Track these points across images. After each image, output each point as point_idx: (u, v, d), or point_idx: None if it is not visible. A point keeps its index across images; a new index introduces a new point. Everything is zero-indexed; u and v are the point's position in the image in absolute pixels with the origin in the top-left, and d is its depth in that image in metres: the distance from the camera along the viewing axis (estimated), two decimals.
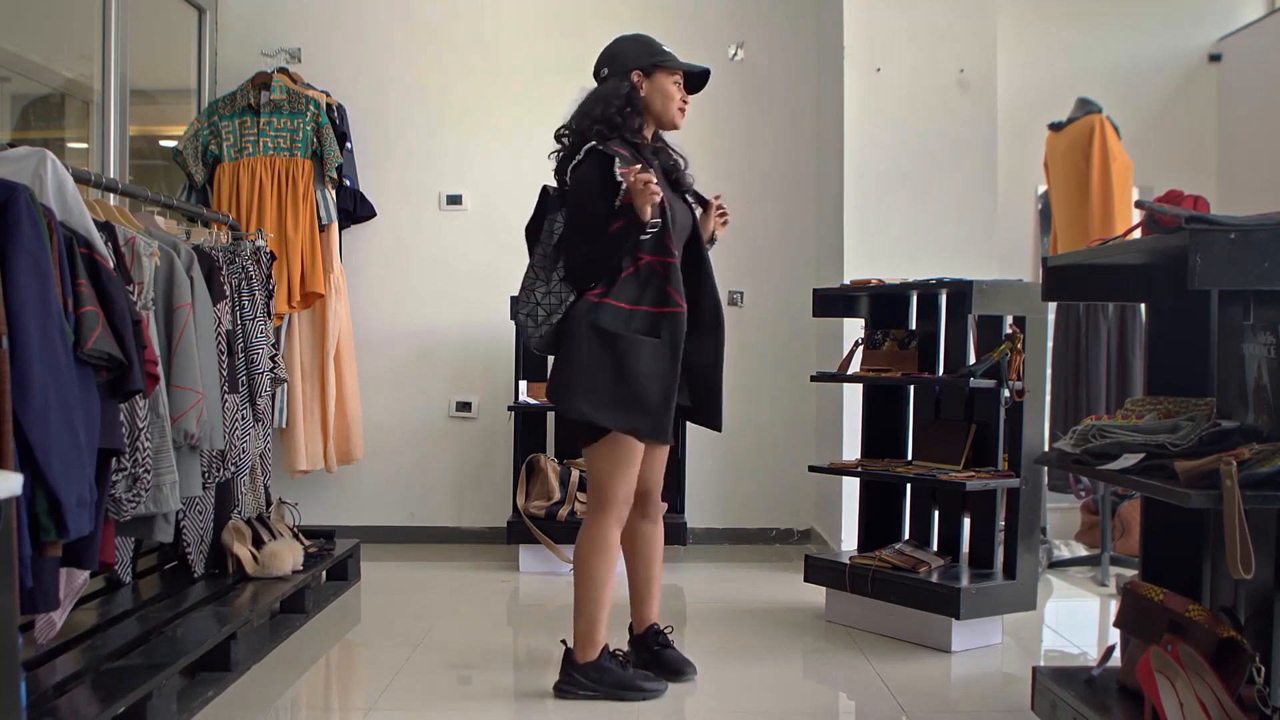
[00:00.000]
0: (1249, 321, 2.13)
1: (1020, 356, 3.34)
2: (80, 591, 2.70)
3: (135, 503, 2.66)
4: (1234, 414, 2.20)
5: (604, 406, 2.69)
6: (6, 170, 2.29)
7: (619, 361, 2.68)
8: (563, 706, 2.86)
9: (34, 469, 1.99)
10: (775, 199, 5.09)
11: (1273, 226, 1.96)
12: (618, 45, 2.93)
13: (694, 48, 5.12)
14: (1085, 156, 4.52)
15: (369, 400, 4.92)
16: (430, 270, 5.05)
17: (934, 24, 4.47)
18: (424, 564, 4.66)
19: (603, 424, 2.70)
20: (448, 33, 5.08)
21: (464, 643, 3.44)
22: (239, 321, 3.54)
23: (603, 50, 2.95)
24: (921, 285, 3.56)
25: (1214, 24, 5.33)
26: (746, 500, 5.07)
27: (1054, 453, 2.47)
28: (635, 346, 2.69)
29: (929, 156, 4.47)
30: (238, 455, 3.42)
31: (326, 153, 4.58)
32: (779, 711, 2.84)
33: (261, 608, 3.27)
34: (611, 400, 2.69)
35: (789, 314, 4.96)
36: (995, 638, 3.40)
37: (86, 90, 4.17)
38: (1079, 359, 4.50)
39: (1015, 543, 3.35)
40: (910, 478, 3.47)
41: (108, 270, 2.30)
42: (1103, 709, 2.29)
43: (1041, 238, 5.20)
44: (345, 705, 3.04)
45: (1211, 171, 5.27)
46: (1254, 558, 1.87)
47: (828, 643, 3.46)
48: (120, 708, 2.34)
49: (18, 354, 1.98)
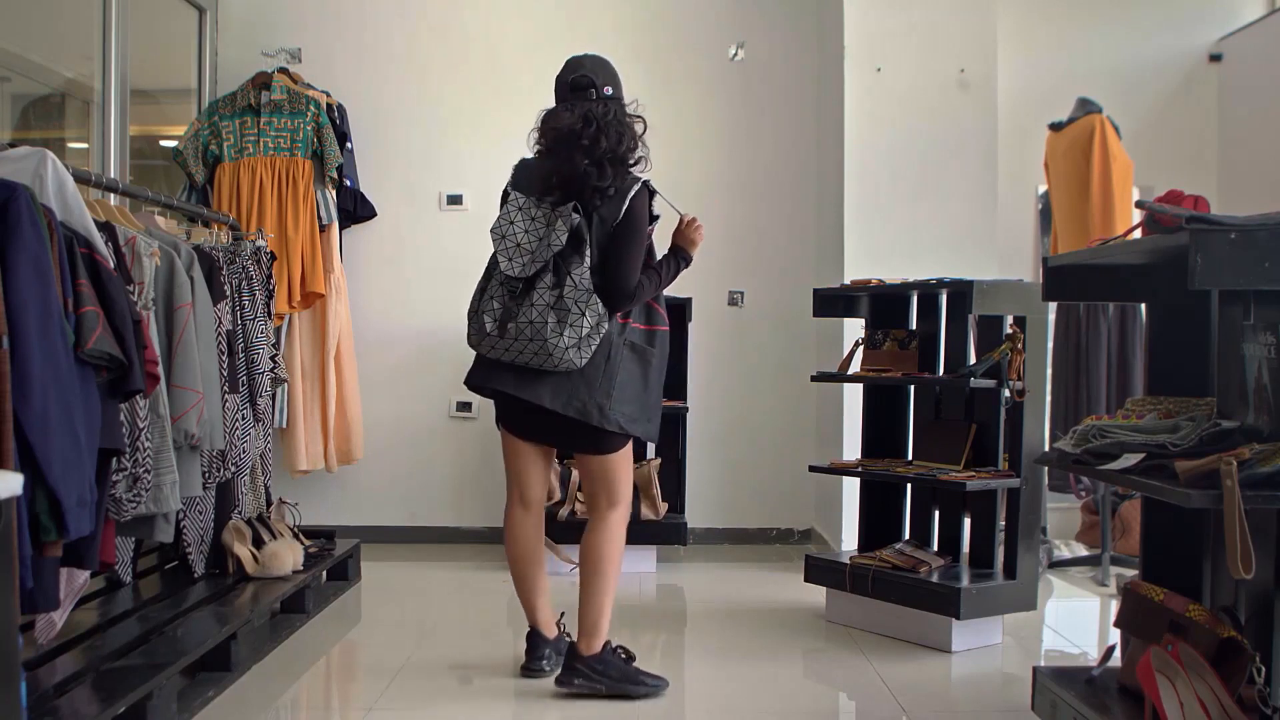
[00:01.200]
0: (1249, 321, 2.13)
1: (1020, 356, 3.34)
2: (80, 591, 2.70)
3: (135, 503, 2.66)
4: (1234, 414, 2.20)
5: (635, 419, 2.90)
6: (7, 170, 2.29)
7: (644, 377, 2.91)
8: (563, 706, 2.86)
9: (34, 469, 1.99)
10: (775, 199, 5.09)
11: (1273, 226, 1.96)
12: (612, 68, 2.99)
13: (694, 48, 5.17)
14: (1085, 156, 4.51)
15: (369, 400, 4.92)
16: (430, 270, 5.05)
17: (934, 24, 4.47)
18: (424, 564, 4.66)
19: (635, 434, 2.92)
20: (448, 33, 5.08)
21: (464, 643, 3.44)
22: (239, 321, 3.54)
23: (600, 61, 2.97)
24: (922, 285, 3.56)
25: (1214, 24, 5.33)
26: (746, 500, 5.07)
27: (1054, 453, 2.47)
28: (654, 363, 2.94)
29: (929, 156, 4.47)
30: (238, 455, 3.42)
31: (327, 153, 4.58)
32: (779, 711, 2.84)
33: (262, 608, 3.27)
34: (640, 413, 2.91)
35: (789, 314, 4.96)
36: (995, 638, 3.40)
37: (87, 90, 4.17)
38: (1079, 359, 4.50)
39: (1015, 543, 3.35)
40: (910, 478, 3.47)
41: (108, 270, 2.30)
42: (1103, 709, 2.29)
43: (1041, 238, 5.20)
44: (345, 705, 3.04)
45: (1211, 171, 5.26)
46: (1254, 557, 1.87)
47: (828, 643, 3.46)
48: (120, 708, 2.34)
49: (18, 354, 1.98)
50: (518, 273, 2.80)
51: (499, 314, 2.81)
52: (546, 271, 2.80)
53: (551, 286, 2.78)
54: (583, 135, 2.82)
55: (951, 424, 3.54)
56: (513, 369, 2.84)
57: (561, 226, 2.78)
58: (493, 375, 2.89)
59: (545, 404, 2.82)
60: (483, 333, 2.84)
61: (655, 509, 4.46)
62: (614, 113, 2.88)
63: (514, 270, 2.80)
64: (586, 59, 2.97)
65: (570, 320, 2.76)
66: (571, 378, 2.82)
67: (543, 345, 2.75)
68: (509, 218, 2.85)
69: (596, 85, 2.90)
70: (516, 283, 2.81)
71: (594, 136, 2.83)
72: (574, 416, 2.83)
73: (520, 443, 3.03)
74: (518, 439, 3.03)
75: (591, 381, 2.84)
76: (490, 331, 2.82)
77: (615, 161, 2.85)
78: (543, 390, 2.83)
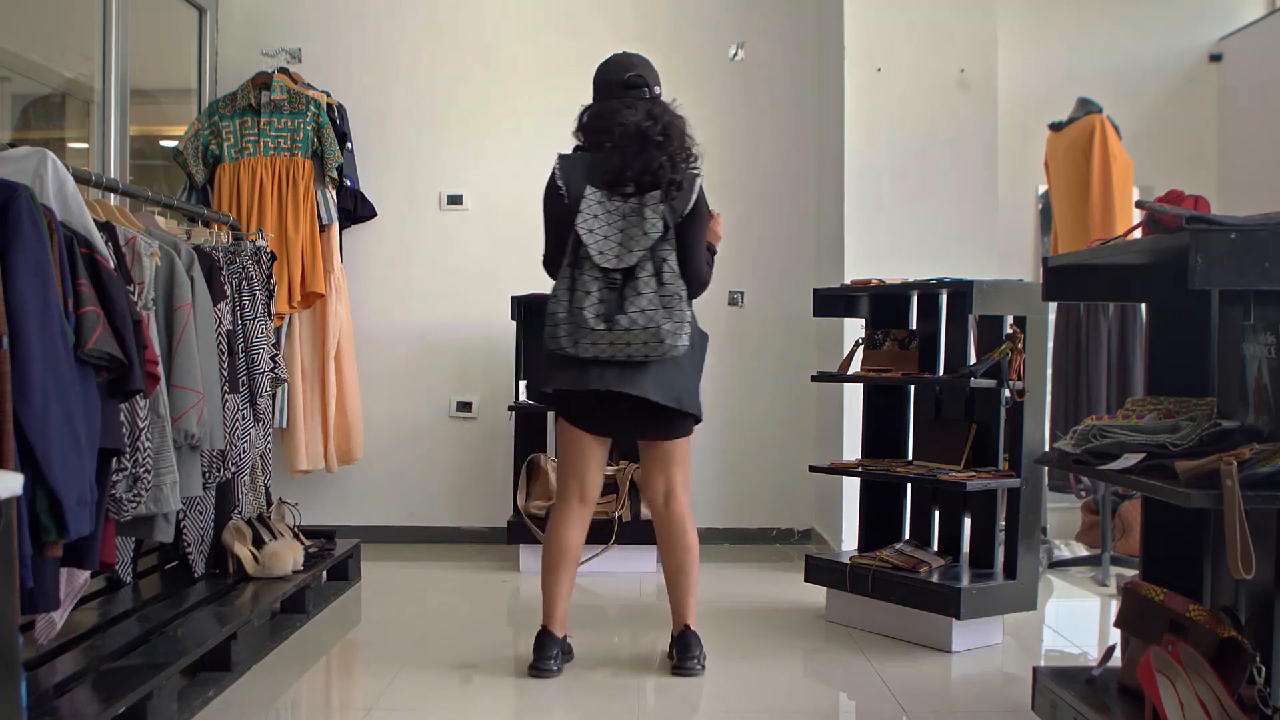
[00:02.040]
0: (1249, 321, 2.13)
1: (1021, 356, 3.34)
2: (81, 591, 2.69)
3: (136, 503, 2.66)
4: (1234, 414, 2.20)
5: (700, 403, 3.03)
6: (7, 170, 2.29)
7: (701, 362, 3.04)
8: (563, 706, 2.86)
9: (34, 469, 1.99)
10: (775, 199, 5.09)
11: (1273, 226, 1.96)
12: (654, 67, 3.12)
13: (694, 48, 5.17)
14: (1086, 156, 4.51)
15: (369, 400, 4.92)
16: (430, 270, 5.05)
17: (934, 24, 4.47)
18: (424, 564, 4.66)
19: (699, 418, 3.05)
20: (448, 32, 5.09)
21: (464, 643, 3.44)
22: (239, 321, 3.54)
23: (646, 61, 3.09)
24: (922, 285, 3.56)
25: (1214, 24, 5.33)
26: (746, 500, 5.07)
27: (1054, 453, 2.47)
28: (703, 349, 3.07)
29: (929, 156, 4.47)
30: (238, 455, 3.42)
31: (327, 153, 4.58)
32: (779, 711, 2.84)
33: (262, 608, 3.27)
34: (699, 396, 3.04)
35: (789, 314, 4.96)
36: (995, 638, 3.40)
37: (87, 90, 4.17)
38: (1079, 359, 4.50)
39: (1016, 543, 3.35)
40: (910, 478, 3.47)
41: (108, 270, 2.30)
42: (1103, 709, 2.29)
43: (1041, 238, 5.20)
44: (345, 705, 3.04)
45: (1212, 171, 5.26)
46: (1254, 557, 1.87)
47: (828, 643, 3.46)
48: (120, 708, 2.34)
49: (18, 354, 1.98)
50: (614, 264, 2.84)
51: (601, 309, 2.83)
52: (647, 260, 2.85)
53: (653, 275, 2.84)
54: (654, 132, 2.92)
55: (951, 424, 3.54)
56: (614, 364, 2.86)
57: (653, 216, 2.86)
58: (590, 375, 2.87)
59: (650, 396, 2.87)
60: (583, 329, 2.82)
61: None
62: (671, 110, 3.00)
63: (609, 262, 2.84)
64: (636, 58, 3.09)
65: (675, 307, 2.84)
66: (666, 366, 2.88)
67: (655, 334, 2.80)
68: (591, 211, 2.89)
69: (649, 84, 3.05)
70: (615, 275, 2.84)
71: (665, 133, 2.93)
72: (671, 405, 2.90)
73: (591, 440, 3.05)
74: (592, 435, 3.04)
75: (684, 368, 2.94)
76: (595, 327, 2.81)
77: (686, 156, 2.96)
78: (645, 382, 2.87)
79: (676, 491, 3.10)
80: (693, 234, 2.95)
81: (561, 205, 2.95)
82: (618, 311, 2.82)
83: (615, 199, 2.90)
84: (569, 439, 3.08)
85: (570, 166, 3.00)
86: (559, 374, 2.91)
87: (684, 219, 2.93)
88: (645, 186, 2.90)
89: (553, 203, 2.99)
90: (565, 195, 2.95)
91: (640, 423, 3.00)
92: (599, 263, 2.84)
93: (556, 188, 2.97)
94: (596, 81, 3.10)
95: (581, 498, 3.09)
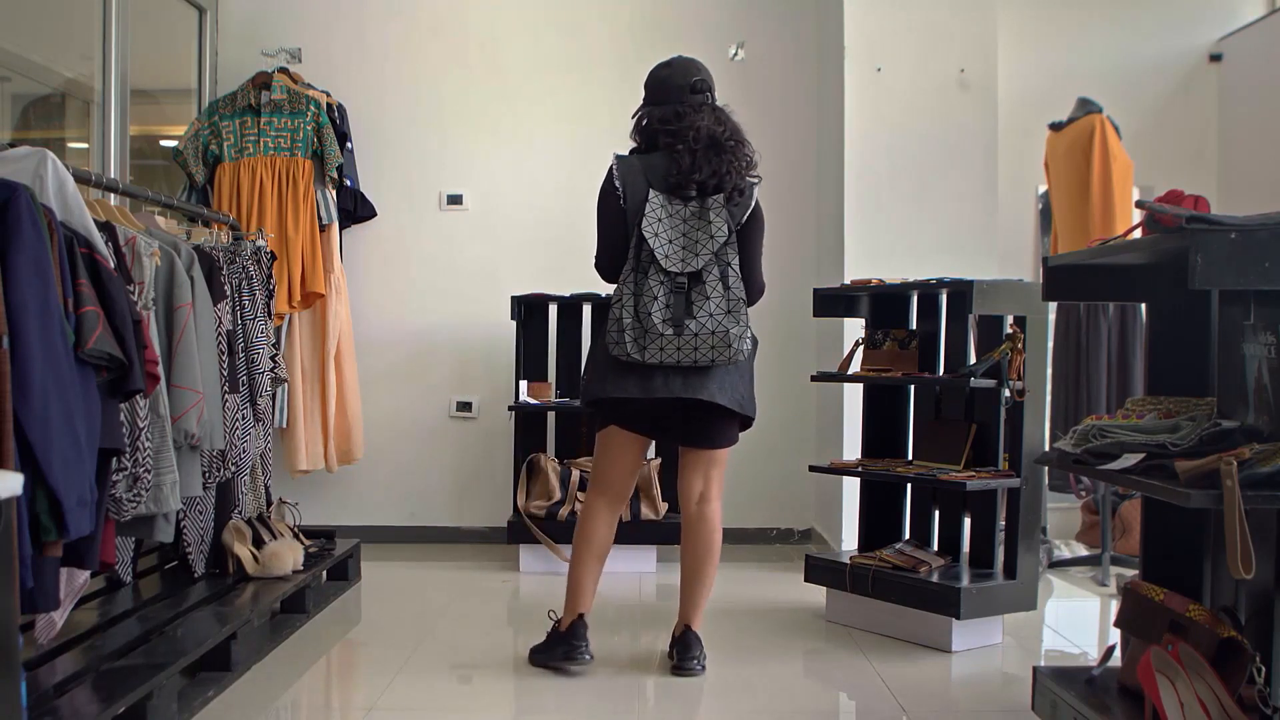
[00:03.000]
0: (1249, 321, 2.13)
1: (1021, 356, 3.34)
2: (80, 591, 2.69)
3: (136, 502, 2.66)
4: (1234, 414, 2.20)
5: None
6: (7, 170, 2.29)
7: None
8: (563, 706, 2.86)
9: (34, 469, 1.98)
10: (775, 199, 5.06)
11: (1273, 226, 1.96)
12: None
13: (694, 48, 5.13)
14: (1086, 156, 4.52)
15: (369, 400, 4.92)
16: (430, 270, 5.05)
17: (934, 24, 4.47)
18: (424, 564, 4.66)
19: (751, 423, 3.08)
20: (448, 33, 5.08)
21: (464, 643, 3.44)
22: (239, 321, 3.54)
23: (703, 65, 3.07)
24: (922, 285, 3.56)
25: (1214, 24, 5.33)
26: (746, 500, 5.07)
27: (1054, 453, 2.47)
28: None
29: (929, 156, 4.47)
30: (238, 455, 3.42)
31: (327, 153, 4.58)
32: (779, 711, 2.84)
33: (262, 608, 3.27)
34: None
35: (789, 314, 4.96)
36: (995, 638, 3.40)
37: (87, 90, 4.17)
38: (1079, 359, 4.50)
39: (1015, 543, 3.35)
40: (910, 478, 3.47)
41: (108, 270, 2.30)
42: (1103, 709, 2.29)
43: (1041, 238, 5.20)
44: (345, 705, 3.04)
45: (1211, 171, 5.27)
46: (1254, 557, 1.87)
47: (828, 643, 3.46)
48: (120, 708, 2.34)
49: (18, 354, 1.98)
50: (680, 268, 2.83)
51: (669, 314, 2.81)
52: (713, 265, 2.84)
53: (719, 280, 2.84)
54: (724, 137, 2.93)
55: (951, 424, 3.54)
56: (679, 370, 2.85)
57: (719, 220, 2.86)
58: (655, 383, 2.86)
59: (718, 400, 2.87)
60: (651, 334, 2.79)
61: (655, 509, 4.46)
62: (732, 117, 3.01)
63: (675, 266, 2.83)
64: (697, 63, 3.08)
65: (740, 312, 2.86)
66: (729, 372, 2.90)
67: (724, 338, 2.80)
68: (655, 215, 2.87)
69: (712, 90, 3.05)
70: (681, 280, 2.83)
71: (734, 138, 2.95)
72: (734, 409, 2.92)
73: (637, 441, 3.05)
74: (640, 437, 3.05)
75: (744, 374, 2.96)
76: (664, 332, 2.79)
77: (749, 164, 2.98)
78: (711, 386, 2.87)
79: (713, 493, 3.10)
80: (752, 240, 2.96)
81: (618, 207, 2.93)
82: (686, 316, 2.80)
83: (676, 202, 2.90)
84: (615, 440, 3.05)
85: (627, 168, 2.97)
86: (621, 381, 2.88)
87: (743, 225, 2.93)
88: (708, 190, 2.90)
89: (609, 204, 2.96)
90: (622, 197, 2.92)
91: (692, 429, 3.02)
92: (665, 266, 2.82)
93: (614, 189, 2.94)
94: (653, 85, 3.06)
95: (619, 494, 3.10)
